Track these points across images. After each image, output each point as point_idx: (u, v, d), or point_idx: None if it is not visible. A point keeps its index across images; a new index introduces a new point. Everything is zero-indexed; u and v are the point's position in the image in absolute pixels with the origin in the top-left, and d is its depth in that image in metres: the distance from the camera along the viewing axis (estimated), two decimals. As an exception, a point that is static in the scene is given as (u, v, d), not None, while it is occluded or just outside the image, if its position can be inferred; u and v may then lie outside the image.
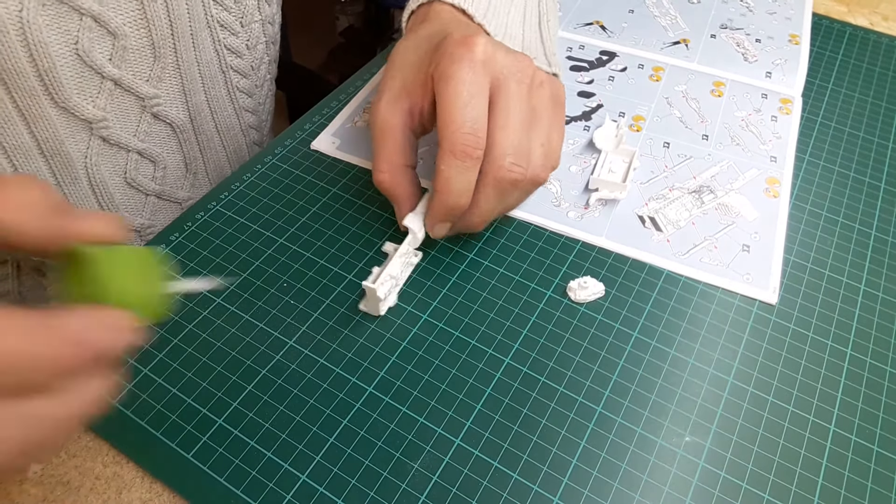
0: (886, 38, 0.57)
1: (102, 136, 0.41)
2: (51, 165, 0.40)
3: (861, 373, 0.35)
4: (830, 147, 0.48)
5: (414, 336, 0.36)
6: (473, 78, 0.34)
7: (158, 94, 0.43)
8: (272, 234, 0.40)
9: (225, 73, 0.47)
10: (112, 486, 0.31)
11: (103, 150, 0.42)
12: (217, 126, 0.50)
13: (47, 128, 0.38)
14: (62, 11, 0.35)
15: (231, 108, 0.50)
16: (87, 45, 0.37)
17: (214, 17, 0.44)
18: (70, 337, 0.21)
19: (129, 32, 0.39)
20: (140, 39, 0.40)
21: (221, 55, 0.46)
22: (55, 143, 0.39)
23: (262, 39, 0.50)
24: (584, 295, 0.37)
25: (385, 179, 0.37)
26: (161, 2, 0.39)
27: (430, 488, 0.30)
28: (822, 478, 0.32)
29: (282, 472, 0.31)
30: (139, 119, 0.43)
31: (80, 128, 0.40)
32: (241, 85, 0.50)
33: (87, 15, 0.36)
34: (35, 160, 0.40)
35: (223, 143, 0.52)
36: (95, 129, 0.41)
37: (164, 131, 0.46)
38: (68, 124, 0.39)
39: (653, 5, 0.59)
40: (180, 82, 0.44)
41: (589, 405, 0.33)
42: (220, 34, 0.45)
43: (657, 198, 0.43)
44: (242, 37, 0.47)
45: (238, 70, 0.49)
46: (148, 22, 0.39)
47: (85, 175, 0.42)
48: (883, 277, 0.40)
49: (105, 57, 0.39)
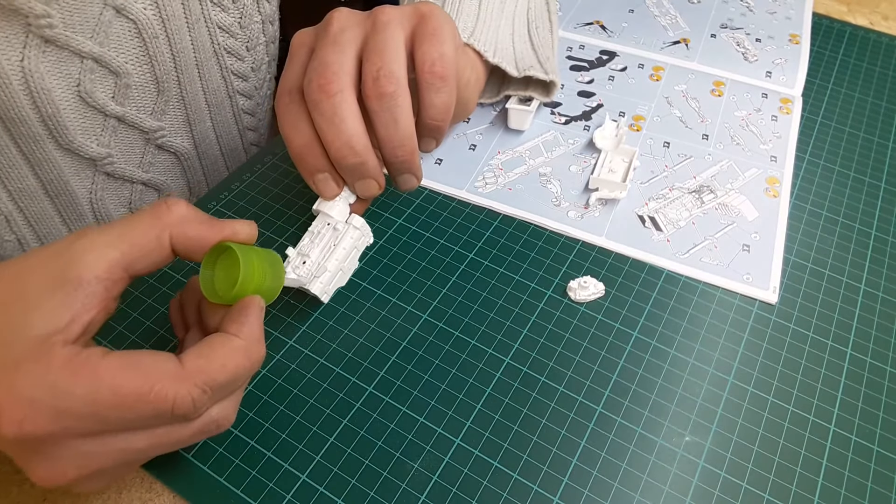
0: (886, 37, 0.57)
1: (107, 172, 0.41)
2: (56, 205, 0.41)
3: (861, 373, 0.35)
4: (830, 147, 0.48)
5: (414, 336, 0.36)
6: (302, 39, 0.34)
7: (163, 126, 0.43)
8: (272, 234, 0.40)
9: (231, 98, 0.47)
10: (112, 487, 0.31)
11: (108, 184, 0.42)
12: (222, 150, 0.50)
13: (52, 170, 0.38)
14: (63, 56, 0.35)
15: (236, 129, 0.50)
16: (90, 87, 0.37)
17: (221, 44, 0.43)
18: (201, 380, 0.25)
19: (132, 70, 0.39)
20: (143, 76, 0.40)
21: (228, 81, 0.46)
22: (60, 183, 0.39)
23: (266, 60, 0.50)
24: (584, 295, 0.37)
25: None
26: (163, 38, 0.39)
27: (430, 488, 0.30)
28: (822, 478, 0.32)
29: (282, 472, 0.31)
30: (143, 151, 0.43)
31: (85, 166, 0.40)
32: (245, 107, 0.50)
33: (87, 58, 0.36)
34: (40, 201, 0.40)
35: (227, 164, 0.52)
36: (100, 165, 0.41)
37: (168, 160, 0.46)
38: (73, 164, 0.39)
39: (653, 5, 0.59)
40: (184, 113, 0.44)
41: (589, 405, 0.33)
42: (227, 61, 0.45)
43: (657, 197, 0.43)
44: (248, 61, 0.47)
45: (243, 93, 0.49)
46: (150, 59, 0.39)
47: (90, 210, 0.42)
48: (883, 277, 0.40)
49: (108, 96, 0.38)
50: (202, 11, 0.41)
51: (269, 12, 0.47)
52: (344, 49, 0.33)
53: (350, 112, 0.32)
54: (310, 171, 0.34)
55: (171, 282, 0.38)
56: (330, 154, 0.33)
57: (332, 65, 0.32)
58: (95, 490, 0.30)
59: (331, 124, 0.32)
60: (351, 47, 0.33)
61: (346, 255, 0.35)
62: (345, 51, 0.33)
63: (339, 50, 0.32)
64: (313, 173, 0.34)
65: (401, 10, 0.34)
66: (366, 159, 0.33)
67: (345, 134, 0.32)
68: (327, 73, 0.32)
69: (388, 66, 0.32)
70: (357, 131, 0.32)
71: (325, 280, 0.34)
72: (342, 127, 0.32)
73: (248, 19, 0.45)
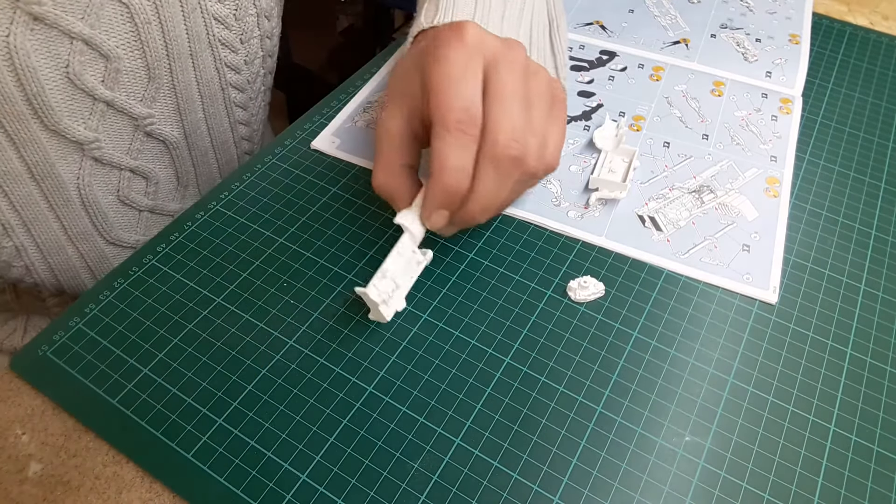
0: (886, 37, 0.57)
1: (94, 157, 0.41)
2: (42, 189, 0.40)
3: (861, 373, 0.35)
4: (830, 147, 0.48)
5: (414, 336, 0.36)
6: (464, 58, 0.33)
7: (152, 114, 0.42)
8: (272, 234, 0.40)
9: (224, 90, 0.47)
10: (112, 486, 0.31)
11: (95, 170, 0.42)
12: (213, 141, 0.49)
13: (37, 151, 0.38)
14: (52, 36, 0.35)
15: (227, 122, 0.50)
16: (79, 69, 0.37)
17: (216, 35, 0.43)
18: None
19: (123, 55, 0.38)
20: (134, 61, 0.39)
21: (222, 73, 0.46)
22: (46, 166, 0.39)
23: (260, 54, 0.49)
24: (584, 294, 0.37)
25: (381, 180, 0.36)
26: (156, 24, 0.39)
27: (430, 488, 0.30)
28: (822, 478, 0.32)
29: (282, 472, 0.31)
30: (132, 138, 0.43)
31: (72, 149, 0.40)
32: (237, 100, 0.50)
33: (77, 39, 0.36)
34: (25, 184, 0.39)
35: (216, 156, 0.51)
36: (87, 150, 0.40)
37: (157, 148, 0.45)
38: (59, 147, 0.39)
39: (653, 5, 0.59)
40: (175, 101, 0.44)
41: (589, 405, 0.33)
42: (220, 52, 0.44)
43: (657, 197, 0.43)
44: (242, 53, 0.47)
45: (236, 86, 0.48)
46: (142, 44, 0.39)
47: (77, 196, 0.42)
48: (883, 277, 0.40)
49: (97, 79, 0.38)
50: (198, 1, 0.41)
51: (266, 7, 0.47)
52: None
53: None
54: (440, 201, 0.34)
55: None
56: (470, 208, 0.34)
57: (522, 132, 0.33)
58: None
59: (497, 190, 0.33)
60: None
61: (411, 282, 0.36)
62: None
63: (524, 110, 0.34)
64: (441, 206, 0.34)
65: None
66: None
67: (499, 204, 0.35)
68: (515, 145, 0.33)
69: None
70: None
71: (394, 302, 0.35)
72: (498, 200, 0.34)
73: (243, 11, 0.45)
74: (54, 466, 0.31)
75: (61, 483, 0.31)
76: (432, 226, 0.35)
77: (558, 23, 0.46)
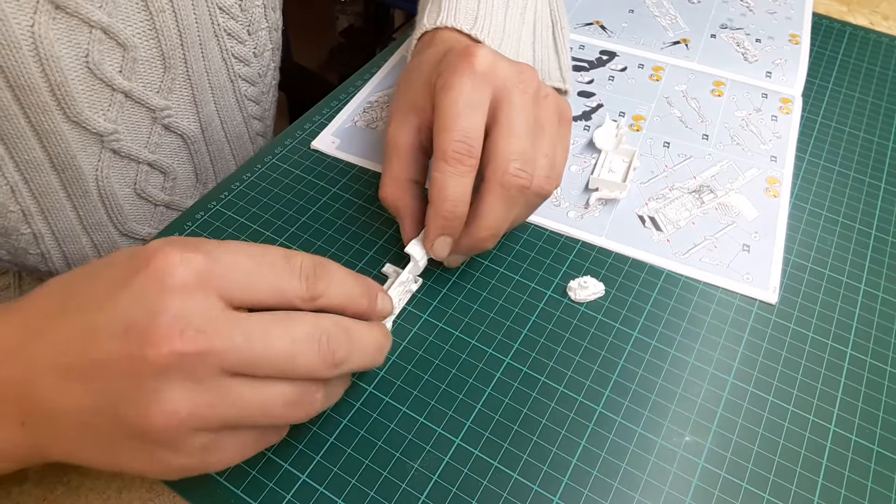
0: (886, 37, 0.57)
1: (113, 149, 0.41)
2: (62, 179, 0.41)
3: (861, 373, 0.35)
4: (830, 147, 0.48)
5: (414, 336, 0.36)
6: (472, 88, 0.33)
7: (169, 106, 0.43)
8: (272, 234, 0.40)
9: (233, 82, 0.47)
10: (112, 486, 0.31)
11: (114, 162, 0.42)
12: (227, 136, 0.50)
13: (59, 142, 0.39)
14: (72, 24, 0.35)
15: (240, 116, 0.50)
16: (98, 58, 0.37)
17: (221, 25, 0.43)
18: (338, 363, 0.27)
19: (139, 44, 0.39)
20: (150, 50, 0.40)
21: (229, 64, 0.46)
22: (67, 157, 0.39)
23: (269, 46, 0.50)
24: (584, 295, 0.37)
25: (388, 193, 0.36)
26: (170, 12, 0.39)
27: (430, 488, 0.30)
28: (822, 478, 0.32)
29: (282, 472, 0.31)
30: (150, 131, 0.43)
31: (92, 141, 0.40)
32: (249, 93, 0.50)
33: (96, 27, 0.36)
34: (46, 174, 0.40)
35: (233, 152, 0.52)
36: (106, 141, 0.41)
37: (175, 142, 0.46)
38: (80, 138, 0.39)
39: (653, 5, 0.59)
40: (191, 93, 0.44)
41: (589, 405, 0.33)
42: (227, 43, 0.45)
43: (657, 197, 0.43)
44: (250, 45, 0.47)
45: (246, 78, 0.48)
46: (157, 32, 0.39)
47: (95, 188, 0.42)
48: (883, 277, 0.40)
49: (115, 69, 0.39)
50: None
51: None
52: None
53: None
54: (441, 229, 0.34)
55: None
56: (478, 235, 0.34)
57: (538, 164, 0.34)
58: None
59: (505, 216, 0.34)
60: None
61: (399, 307, 0.36)
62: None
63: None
64: (442, 234, 0.35)
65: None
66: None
67: (507, 228, 0.36)
68: (523, 175, 0.33)
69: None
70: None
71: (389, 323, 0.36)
72: (506, 226, 0.35)
73: (249, 2, 0.45)
74: (54, 466, 0.31)
75: (61, 483, 0.31)
76: (437, 254, 0.35)
77: (562, 23, 0.46)
